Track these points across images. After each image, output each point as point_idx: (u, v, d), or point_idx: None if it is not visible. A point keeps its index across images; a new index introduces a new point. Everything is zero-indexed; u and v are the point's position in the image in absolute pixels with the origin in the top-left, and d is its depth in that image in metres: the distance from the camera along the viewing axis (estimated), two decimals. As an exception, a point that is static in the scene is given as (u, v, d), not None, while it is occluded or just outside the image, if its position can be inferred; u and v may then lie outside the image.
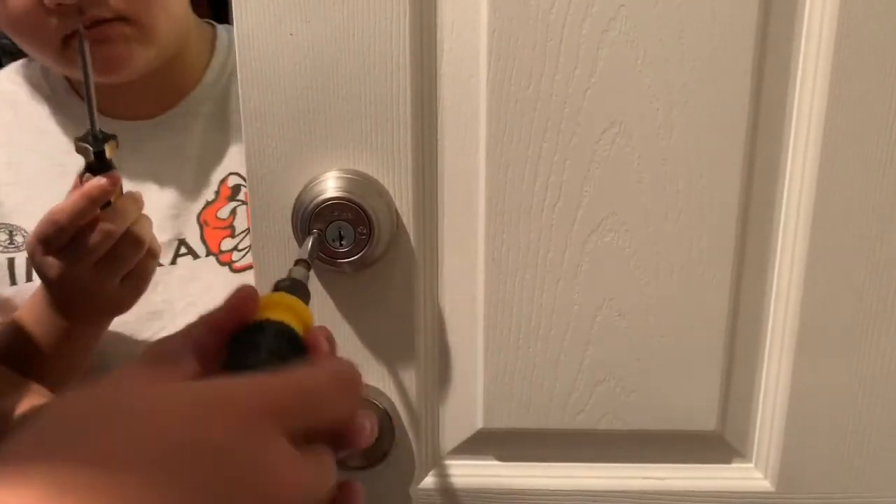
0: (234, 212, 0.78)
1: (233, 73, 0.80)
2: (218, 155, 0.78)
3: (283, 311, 0.35)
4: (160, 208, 0.75)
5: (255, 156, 0.45)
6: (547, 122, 0.45)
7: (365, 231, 0.44)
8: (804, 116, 0.45)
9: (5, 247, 0.74)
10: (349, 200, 0.44)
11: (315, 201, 0.44)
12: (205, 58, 0.79)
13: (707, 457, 0.52)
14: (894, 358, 0.48)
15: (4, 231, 0.74)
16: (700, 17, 0.43)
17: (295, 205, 0.45)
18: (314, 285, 0.46)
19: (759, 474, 0.52)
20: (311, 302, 0.38)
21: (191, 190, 0.76)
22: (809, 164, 0.45)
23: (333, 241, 0.44)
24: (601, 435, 0.51)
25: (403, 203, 0.46)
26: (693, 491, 0.52)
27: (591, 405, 0.50)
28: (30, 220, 0.71)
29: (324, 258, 0.45)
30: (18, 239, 0.74)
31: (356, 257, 0.45)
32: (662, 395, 0.49)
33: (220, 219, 0.78)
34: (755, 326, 0.49)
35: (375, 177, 0.46)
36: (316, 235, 0.44)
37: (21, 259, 0.74)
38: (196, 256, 0.76)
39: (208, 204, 0.77)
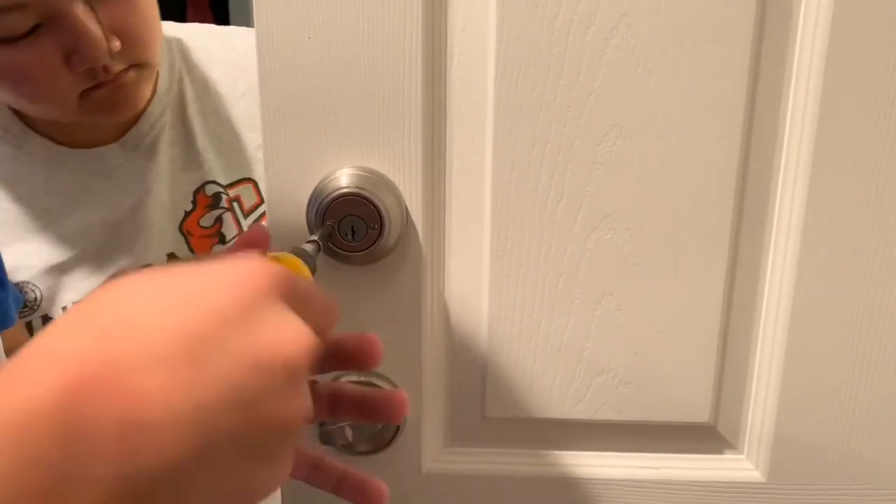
0: (219, 219, 0.78)
1: (182, 77, 0.78)
2: (187, 164, 0.77)
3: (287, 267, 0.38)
4: (144, 228, 0.74)
5: (272, 152, 0.48)
6: (551, 125, 0.47)
7: (376, 226, 0.46)
8: (797, 121, 0.47)
9: (20, 311, 0.70)
10: (363, 196, 0.46)
11: (330, 196, 0.46)
12: None
13: (700, 447, 0.54)
14: (884, 354, 0.50)
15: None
16: (699, 26, 0.45)
17: (310, 199, 0.48)
18: (324, 278, 0.48)
19: (749, 465, 0.54)
20: None
21: (167, 203, 0.76)
22: (802, 167, 0.47)
23: (346, 235, 0.47)
24: (598, 425, 0.53)
25: (413, 200, 0.48)
26: (686, 480, 0.54)
27: (589, 396, 0.52)
28: (30, 272, 0.70)
29: (335, 251, 0.47)
30: (30, 296, 0.71)
31: (366, 251, 0.47)
32: (658, 387, 0.52)
33: (203, 227, 0.77)
34: (748, 322, 0.51)
35: (387, 174, 0.48)
36: (329, 227, 0.46)
37: (38, 322, 0.71)
38: None
39: (187, 214, 0.77)
